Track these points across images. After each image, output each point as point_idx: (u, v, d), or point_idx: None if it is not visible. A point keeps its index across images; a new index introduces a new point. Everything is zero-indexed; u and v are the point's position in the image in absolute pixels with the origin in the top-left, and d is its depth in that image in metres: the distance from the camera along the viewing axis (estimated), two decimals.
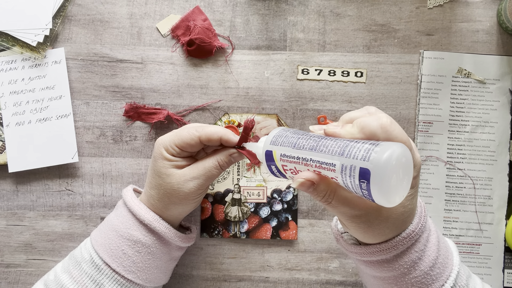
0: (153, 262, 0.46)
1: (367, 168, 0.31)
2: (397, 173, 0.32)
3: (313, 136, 0.37)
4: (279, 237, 0.57)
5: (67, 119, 0.57)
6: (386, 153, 0.31)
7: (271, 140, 0.40)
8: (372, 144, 0.33)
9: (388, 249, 0.39)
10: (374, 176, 0.31)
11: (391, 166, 0.31)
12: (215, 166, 0.45)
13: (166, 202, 0.46)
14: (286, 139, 0.38)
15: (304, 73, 0.58)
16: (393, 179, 0.32)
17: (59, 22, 0.57)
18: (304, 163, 0.36)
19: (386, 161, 0.31)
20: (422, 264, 0.39)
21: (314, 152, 0.35)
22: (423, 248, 0.39)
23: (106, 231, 0.47)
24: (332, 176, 0.35)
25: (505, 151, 0.57)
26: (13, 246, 0.57)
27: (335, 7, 0.58)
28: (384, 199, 0.32)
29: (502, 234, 0.57)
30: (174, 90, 0.58)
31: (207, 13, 0.58)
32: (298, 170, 0.37)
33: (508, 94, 0.58)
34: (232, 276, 0.58)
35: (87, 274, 0.45)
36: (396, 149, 0.32)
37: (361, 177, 0.32)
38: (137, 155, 0.58)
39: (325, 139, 0.36)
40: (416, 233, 0.39)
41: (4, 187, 0.57)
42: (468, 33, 0.58)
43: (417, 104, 0.58)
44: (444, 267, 0.40)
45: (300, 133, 0.39)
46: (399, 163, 0.32)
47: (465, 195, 0.57)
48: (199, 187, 0.45)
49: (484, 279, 0.57)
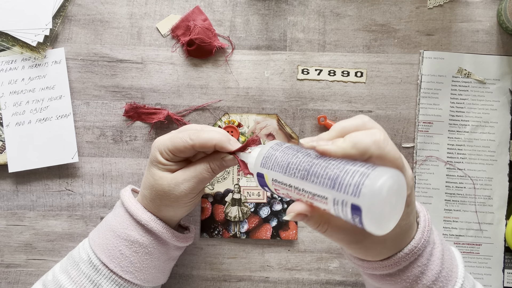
0: (150, 262, 0.46)
1: (358, 204, 0.31)
2: (389, 202, 0.32)
3: (304, 156, 0.36)
4: (279, 237, 0.57)
5: (67, 119, 0.57)
6: (376, 186, 0.30)
7: (261, 162, 0.38)
8: (362, 175, 0.31)
9: (391, 266, 0.39)
10: (366, 211, 0.31)
11: (382, 198, 0.30)
12: (206, 169, 0.44)
13: (157, 203, 0.45)
14: (276, 162, 0.37)
15: (304, 73, 0.58)
16: (386, 209, 0.31)
17: (59, 22, 0.57)
18: (297, 192, 0.36)
19: (377, 194, 0.30)
20: (425, 278, 0.39)
21: (305, 182, 0.34)
22: (426, 262, 0.39)
23: (103, 232, 0.47)
24: (324, 208, 0.34)
25: (505, 151, 0.57)
26: (13, 246, 0.57)
27: (335, 7, 0.58)
28: (378, 229, 0.32)
29: (502, 234, 0.57)
30: (174, 90, 0.58)
31: (207, 13, 0.58)
32: (291, 196, 0.37)
33: (508, 94, 0.58)
34: (232, 276, 0.58)
35: (85, 275, 0.45)
36: (387, 179, 0.31)
37: (353, 212, 0.31)
38: (137, 155, 0.58)
39: (316, 164, 0.34)
40: (418, 248, 0.38)
41: (4, 187, 0.57)
42: (468, 33, 0.58)
43: (417, 104, 0.58)
44: (448, 280, 0.40)
45: (290, 153, 0.37)
46: (391, 192, 0.31)
47: (465, 195, 0.57)
48: (190, 190, 0.44)
49: (484, 279, 0.57)
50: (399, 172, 0.32)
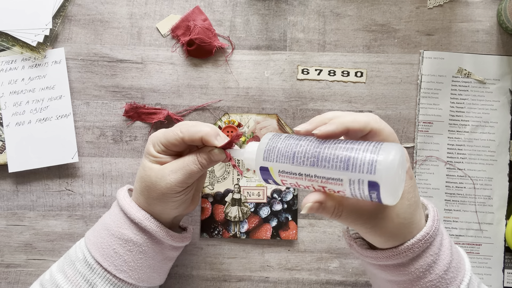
0: (145, 261, 0.46)
1: (375, 181, 0.33)
2: (398, 173, 0.34)
3: (308, 143, 0.37)
4: (279, 237, 0.57)
5: (67, 119, 0.57)
6: (388, 161, 0.33)
7: (263, 156, 0.39)
8: (372, 152, 0.34)
9: (404, 252, 0.39)
10: (383, 186, 0.33)
11: (394, 171, 0.33)
12: (193, 161, 0.44)
13: (146, 195, 0.45)
14: (281, 153, 0.37)
15: (304, 73, 0.58)
16: (396, 180, 0.34)
17: (59, 22, 0.57)
18: (308, 179, 0.36)
19: (390, 169, 0.33)
20: (437, 267, 0.39)
21: (316, 168, 0.36)
22: (437, 251, 0.39)
23: (99, 230, 0.47)
24: (339, 190, 0.35)
25: (505, 151, 0.57)
26: (13, 246, 0.57)
27: (335, 7, 0.58)
28: (393, 199, 0.34)
29: (502, 234, 0.57)
30: (174, 90, 0.58)
31: (207, 13, 0.58)
32: (300, 184, 0.37)
33: (508, 94, 0.58)
34: (232, 276, 0.58)
35: (80, 274, 0.45)
36: (396, 154, 0.34)
37: (370, 188, 0.33)
38: (137, 155, 0.58)
39: (324, 148, 0.36)
40: (430, 235, 0.39)
41: (4, 187, 0.57)
42: (468, 33, 0.58)
43: (417, 104, 0.58)
44: (458, 271, 0.40)
45: (292, 142, 0.38)
46: (399, 164, 0.34)
47: (465, 195, 0.57)
48: (177, 183, 0.44)
49: (484, 279, 0.57)
50: (400, 146, 0.35)
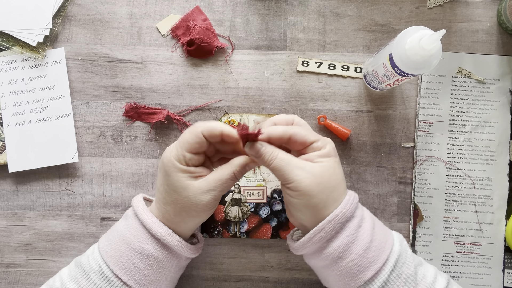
0: (164, 275, 0.46)
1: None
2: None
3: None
4: (279, 237, 0.57)
5: (67, 119, 0.57)
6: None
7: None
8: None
9: (318, 233, 0.42)
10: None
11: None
12: (231, 177, 0.45)
13: (184, 216, 0.45)
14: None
15: (304, 65, 0.58)
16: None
17: (59, 22, 0.57)
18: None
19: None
20: (355, 247, 0.42)
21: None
22: (354, 232, 0.42)
23: (116, 242, 0.46)
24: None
25: (505, 151, 0.57)
26: (13, 246, 0.57)
27: (335, 7, 0.58)
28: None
29: (502, 234, 0.57)
30: (174, 90, 0.58)
31: (207, 13, 0.58)
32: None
33: (508, 94, 0.58)
34: (232, 276, 0.58)
35: (95, 285, 0.44)
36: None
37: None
38: (137, 155, 0.58)
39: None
40: (341, 217, 0.42)
41: (4, 187, 0.57)
42: (468, 33, 0.58)
43: (417, 104, 0.58)
44: (381, 251, 0.42)
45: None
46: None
47: (465, 195, 0.57)
48: (215, 199, 0.45)
49: (484, 279, 0.57)
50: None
